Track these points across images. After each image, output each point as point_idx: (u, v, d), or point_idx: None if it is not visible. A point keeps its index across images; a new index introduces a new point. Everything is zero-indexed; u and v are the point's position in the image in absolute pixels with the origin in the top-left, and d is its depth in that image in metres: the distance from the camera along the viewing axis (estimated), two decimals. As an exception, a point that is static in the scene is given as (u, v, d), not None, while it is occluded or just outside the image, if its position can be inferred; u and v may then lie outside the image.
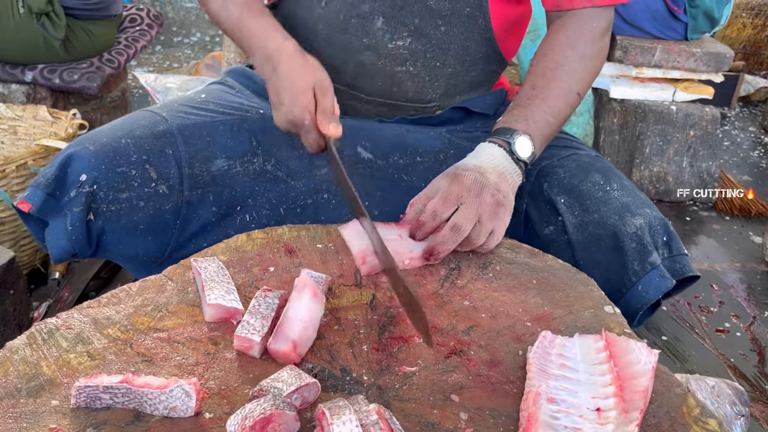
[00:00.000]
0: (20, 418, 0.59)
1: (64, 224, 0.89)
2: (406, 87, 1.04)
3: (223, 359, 0.68)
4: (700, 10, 2.33)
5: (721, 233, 2.22)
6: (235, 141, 1.00)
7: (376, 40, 1.00)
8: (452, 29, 1.01)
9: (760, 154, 2.99)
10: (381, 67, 1.02)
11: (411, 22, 0.99)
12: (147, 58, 3.71)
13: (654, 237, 0.91)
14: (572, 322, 0.76)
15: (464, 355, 0.70)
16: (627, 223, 0.90)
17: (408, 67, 1.02)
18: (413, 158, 1.05)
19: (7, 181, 1.43)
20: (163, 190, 0.94)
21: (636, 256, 0.89)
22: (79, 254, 0.93)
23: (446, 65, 1.04)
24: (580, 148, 1.04)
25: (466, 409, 0.63)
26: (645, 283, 0.88)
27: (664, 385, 0.66)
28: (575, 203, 0.94)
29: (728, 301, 1.80)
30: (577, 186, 0.95)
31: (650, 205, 0.95)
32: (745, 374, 1.50)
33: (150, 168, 0.93)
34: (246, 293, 0.78)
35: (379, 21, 0.99)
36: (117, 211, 0.92)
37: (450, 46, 1.02)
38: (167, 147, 0.95)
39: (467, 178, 0.85)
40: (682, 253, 0.93)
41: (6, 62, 2.13)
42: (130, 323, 0.72)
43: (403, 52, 1.01)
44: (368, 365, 0.68)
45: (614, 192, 0.93)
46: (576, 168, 0.97)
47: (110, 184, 0.90)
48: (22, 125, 1.75)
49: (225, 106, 1.03)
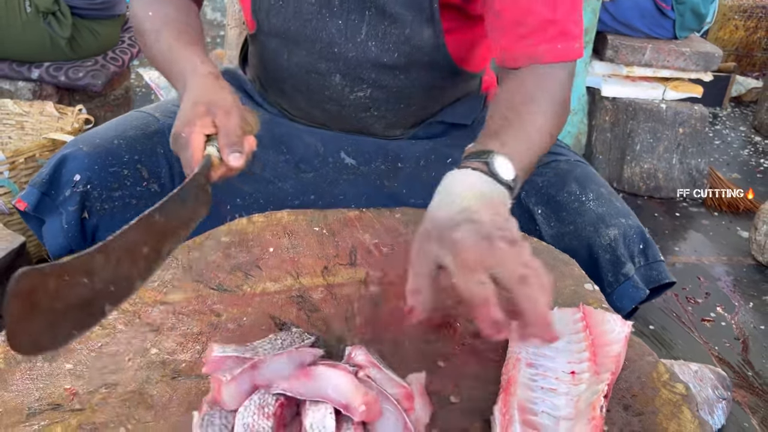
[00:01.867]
0: (37, 379, 0.64)
1: (59, 222, 0.93)
2: (374, 128, 1.06)
3: (225, 329, 0.72)
4: (686, 7, 2.38)
5: (709, 228, 2.27)
6: None
7: (336, 93, 1.02)
8: (411, 75, 1.00)
9: (749, 152, 3.04)
10: (345, 115, 1.04)
11: (368, 77, 1.00)
12: (149, 58, 3.75)
13: (629, 247, 0.92)
14: (554, 298, 0.80)
15: (451, 327, 0.75)
16: (601, 235, 0.91)
17: (372, 112, 1.04)
18: (395, 164, 1.07)
19: (16, 172, 1.48)
20: (155, 188, 0.98)
21: (610, 268, 0.91)
22: (75, 250, 0.96)
23: (411, 104, 1.05)
24: (559, 153, 1.04)
25: (451, 374, 0.68)
26: (618, 294, 0.90)
27: (637, 354, 0.71)
28: (552, 214, 0.96)
29: (715, 292, 1.85)
30: (554, 196, 0.96)
31: (626, 213, 0.95)
32: (729, 362, 1.55)
33: (142, 167, 0.97)
34: (247, 271, 0.83)
35: (337, 77, 1.00)
36: (110, 209, 0.95)
37: (412, 90, 1.02)
38: (158, 146, 0.99)
39: (466, 239, 0.65)
40: (658, 260, 0.94)
41: (13, 60, 2.18)
42: (138, 297, 0.76)
43: (365, 101, 1.02)
44: (361, 335, 0.73)
45: (589, 203, 0.94)
46: (554, 177, 0.98)
47: (103, 183, 0.94)
48: (29, 120, 1.80)
49: None
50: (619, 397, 0.64)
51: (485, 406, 0.63)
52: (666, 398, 0.65)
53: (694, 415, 0.62)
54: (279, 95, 1.11)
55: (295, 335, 0.67)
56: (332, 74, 1.00)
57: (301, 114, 1.10)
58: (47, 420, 0.59)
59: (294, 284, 0.81)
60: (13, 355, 0.66)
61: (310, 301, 0.78)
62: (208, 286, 0.79)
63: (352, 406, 0.54)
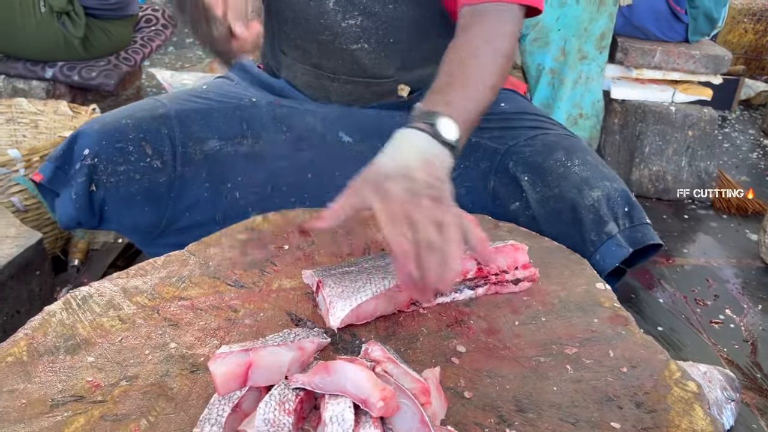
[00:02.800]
0: (60, 372, 0.65)
1: (69, 194, 1.00)
2: (364, 64, 1.10)
3: (242, 324, 0.74)
4: (700, 11, 2.38)
5: (718, 231, 2.27)
6: (227, 124, 1.10)
7: (330, 20, 1.07)
8: (401, 6, 1.06)
9: (758, 155, 3.03)
10: (338, 45, 1.09)
11: (359, 2, 1.06)
12: (159, 58, 3.78)
13: (613, 208, 0.94)
14: (565, 296, 0.81)
15: (464, 324, 0.76)
16: (585, 196, 0.94)
17: (363, 44, 1.09)
18: (384, 141, 1.10)
19: (31, 170, 1.50)
20: (157, 164, 1.04)
21: (593, 227, 0.93)
22: (84, 223, 1.03)
23: (399, 41, 1.09)
24: (549, 128, 1.07)
25: (465, 370, 0.69)
26: (602, 252, 0.92)
27: (649, 352, 0.72)
28: (537, 180, 0.99)
29: (723, 294, 1.85)
30: (540, 164, 0.99)
31: (612, 178, 0.97)
32: (738, 364, 1.55)
33: (146, 145, 1.03)
34: (263, 268, 0.84)
35: (331, 2, 1.06)
36: (115, 182, 1.02)
37: (401, 23, 1.07)
38: (163, 127, 1.05)
39: (395, 190, 0.71)
40: (644, 223, 0.95)
41: (27, 59, 2.21)
42: (156, 292, 0.78)
43: (355, 30, 1.08)
44: (376, 331, 0.74)
45: (575, 167, 0.97)
46: (541, 146, 1.02)
47: (109, 157, 1.01)
48: (43, 119, 1.82)
49: (222, 95, 1.14)
50: (632, 395, 0.65)
51: (499, 402, 0.64)
52: (678, 396, 0.65)
53: (705, 413, 0.63)
54: (281, 39, 1.16)
55: (312, 331, 0.68)
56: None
57: (298, 55, 1.14)
58: (70, 411, 0.60)
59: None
60: (35, 348, 0.68)
61: (326, 297, 0.79)
62: (225, 282, 0.81)
63: (370, 401, 0.54)
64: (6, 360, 0.66)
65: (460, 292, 0.80)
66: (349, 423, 0.54)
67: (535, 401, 0.64)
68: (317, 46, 1.11)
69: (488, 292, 0.81)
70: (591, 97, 2.37)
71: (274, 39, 1.19)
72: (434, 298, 0.79)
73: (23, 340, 0.68)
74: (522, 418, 0.62)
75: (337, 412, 0.54)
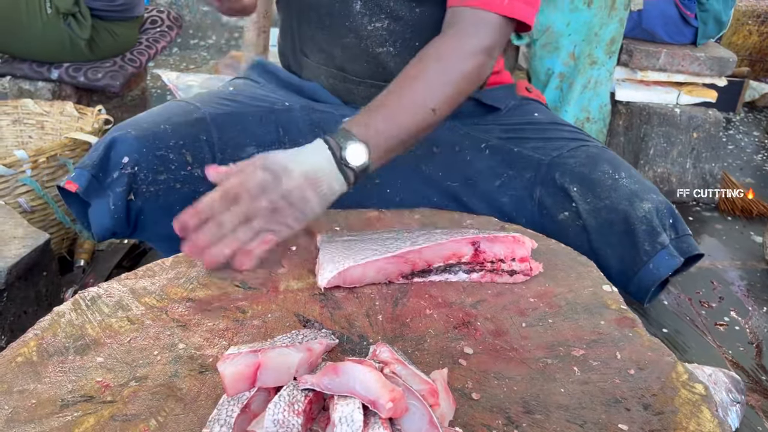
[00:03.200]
0: (69, 372, 0.66)
1: (107, 204, 0.95)
2: (389, 67, 1.09)
3: (250, 326, 0.74)
4: (710, 15, 2.39)
5: (722, 232, 2.27)
6: (263, 130, 1.07)
7: (356, 23, 1.06)
8: (427, 10, 1.05)
9: (763, 157, 3.03)
10: (363, 48, 1.08)
11: (387, 5, 1.05)
12: (164, 59, 3.79)
13: (662, 220, 0.96)
14: (572, 298, 0.81)
15: (471, 326, 0.76)
16: (636, 208, 0.96)
17: (388, 47, 1.08)
18: (430, 149, 1.10)
19: (38, 171, 1.51)
20: (198, 173, 1.01)
21: (646, 238, 0.95)
22: (118, 233, 0.99)
23: (424, 44, 1.07)
24: (588, 140, 1.09)
25: (473, 372, 0.69)
26: (656, 261, 0.94)
27: (656, 354, 0.72)
28: (587, 191, 0.99)
29: (728, 297, 1.85)
30: (588, 175, 1.00)
31: (656, 191, 1.00)
32: (743, 366, 1.55)
33: (186, 152, 1.00)
34: (271, 269, 0.84)
35: (358, 5, 1.05)
36: (156, 192, 0.98)
37: (427, 26, 1.06)
38: (201, 134, 1.02)
39: (255, 177, 0.79)
40: (687, 234, 0.98)
41: (33, 60, 2.22)
42: (165, 293, 0.78)
43: (382, 33, 1.07)
44: (383, 332, 0.74)
45: (623, 180, 0.99)
46: (585, 158, 1.02)
47: (150, 166, 0.97)
48: (49, 120, 1.83)
49: (253, 98, 1.11)
50: (639, 397, 0.65)
51: (507, 403, 0.64)
52: (685, 398, 0.65)
53: (713, 415, 0.63)
54: (302, 41, 1.14)
55: (320, 332, 0.69)
56: (354, 1, 1.05)
57: (321, 59, 1.13)
58: (80, 411, 0.61)
59: (317, 282, 0.82)
60: (45, 348, 0.68)
61: (333, 299, 0.79)
62: (232, 283, 0.81)
63: (379, 402, 0.55)
64: (16, 360, 0.66)
65: (455, 274, 0.83)
66: (358, 424, 0.54)
67: (543, 403, 0.64)
68: (341, 50, 1.10)
69: (483, 279, 0.83)
70: (599, 101, 2.37)
71: (295, 40, 1.17)
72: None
73: (33, 341, 0.69)
74: (529, 419, 0.62)
75: (346, 413, 0.54)
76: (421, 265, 0.82)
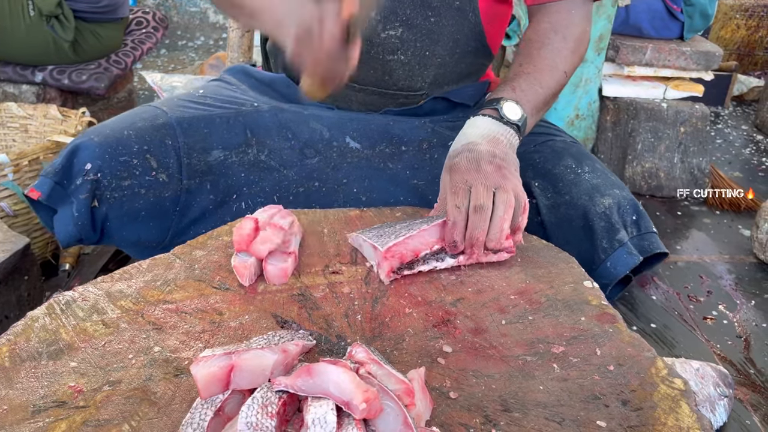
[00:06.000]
0: (41, 377, 0.65)
1: (70, 211, 0.95)
2: (397, 75, 1.09)
3: (227, 327, 0.73)
4: (696, 9, 2.39)
5: (711, 227, 2.27)
6: (230, 133, 1.06)
7: (369, 30, 1.05)
8: (442, 20, 1.05)
9: (751, 151, 3.04)
10: (374, 55, 1.07)
11: (402, 13, 1.04)
12: (152, 61, 3.77)
13: (623, 216, 0.95)
14: (553, 295, 0.81)
15: (451, 324, 0.76)
16: (596, 203, 0.95)
17: (399, 55, 1.07)
18: (398, 147, 1.10)
19: (20, 175, 1.49)
20: (163, 178, 1.00)
21: (604, 235, 0.94)
22: (85, 240, 0.98)
23: (436, 55, 1.08)
24: (556, 134, 1.09)
25: (451, 370, 0.68)
26: (613, 259, 0.93)
27: (636, 350, 0.72)
28: (548, 186, 0.99)
29: (716, 291, 1.85)
30: (550, 170, 1.00)
31: (620, 186, 0.99)
32: (731, 360, 1.55)
33: (150, 157, 0.98)
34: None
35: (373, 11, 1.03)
36: (120, 197, 0.97)
37: (440, 36, 1.06)
38: (167, 138, 1.01)
39: (461, 162, 0.85)
40: (651, 231, 0.97)
41: (16, 63, 2.20)
42: (141, 296, 0.77)
43: (394, 41, 1.05)
44: (362, 332, 0.74)
45: (585, 174, 0.98)
46: (550, 153, 1.02)
47: (113, 172, 0.96)
48: (33, 123, 1.81)
49: (221, 101, 1.10)
50: (618, 393, 0.65)
51: (485, 402, 0.63)
52: (664, 393, 0.65)
53: (692, 410, 0.63)
54: None
55: (297, 333, 0.68)
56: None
57: None
58: (52, 417, 0.60)
59: (295, 282, 0.81)
60: (18, 354, 0.67)
61: (312, 299, 0.79)
62: (210, 285, 0.80)
63: (353, 403, 0.54)
64: (-13, 366, 0.65)
65: (442, 260, 0.84)
66: (331, 425, 0.53)
67: (521, 401, 0.64)
68: None
69: (469, 261, 0.84)
70: (588, 98, 2.38)
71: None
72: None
73: (5, 346, 0.68)
74: (508, 417, 0.62)
75: (319, 414, 0.54)
76: (409, 256, 0.82)
